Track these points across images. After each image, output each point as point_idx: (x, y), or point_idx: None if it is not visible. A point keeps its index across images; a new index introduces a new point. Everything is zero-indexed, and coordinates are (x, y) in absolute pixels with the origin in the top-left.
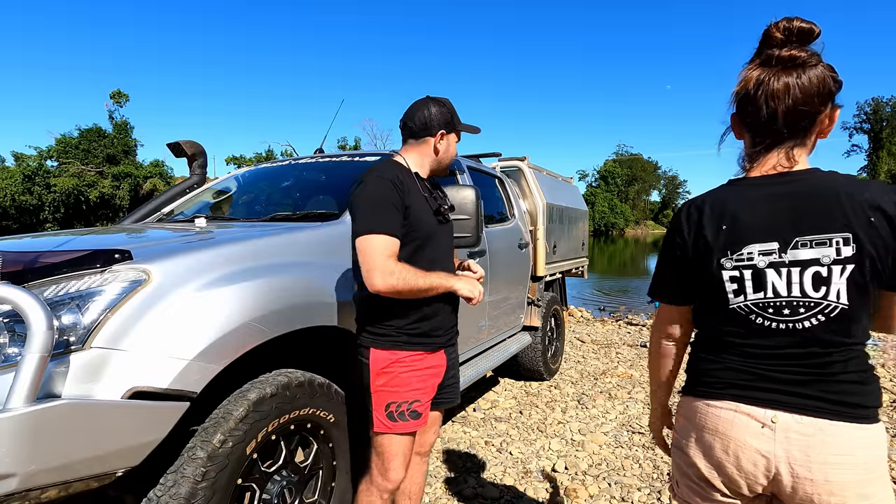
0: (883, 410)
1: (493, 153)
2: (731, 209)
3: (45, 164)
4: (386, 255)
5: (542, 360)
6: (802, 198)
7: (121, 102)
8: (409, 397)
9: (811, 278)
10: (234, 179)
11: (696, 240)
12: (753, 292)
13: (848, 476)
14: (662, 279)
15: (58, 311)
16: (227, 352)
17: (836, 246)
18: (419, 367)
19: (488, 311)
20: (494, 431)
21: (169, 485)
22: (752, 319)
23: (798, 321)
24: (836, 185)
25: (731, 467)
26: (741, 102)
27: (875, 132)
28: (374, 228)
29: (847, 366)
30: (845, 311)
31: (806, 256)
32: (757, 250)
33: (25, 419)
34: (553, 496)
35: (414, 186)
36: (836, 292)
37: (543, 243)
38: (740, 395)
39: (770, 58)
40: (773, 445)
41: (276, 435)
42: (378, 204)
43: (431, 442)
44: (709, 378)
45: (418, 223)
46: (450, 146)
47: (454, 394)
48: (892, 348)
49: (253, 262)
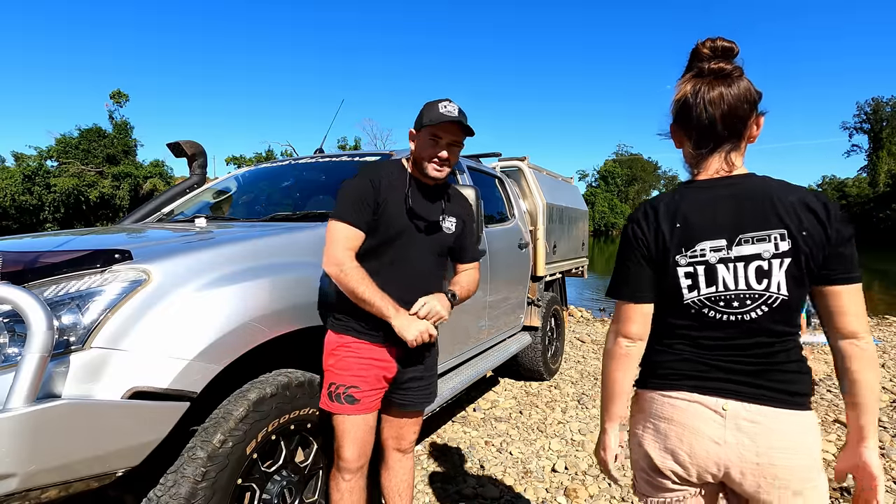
0: (883, 410)
1: (493, 153)
2: (683, 210)
3: (45, 164)
4: (343, 244)
5: (542, 360)
6: (743, 199)
7: (121, 102)
8: (348, 381)
9: (754, 272)
10: (234, 179)
11: (655, 238)
12: (706, 287)
13: (793, 461)
14: (627, 278)
15: (58, 311)
16: (227, 352)
17: (774, 241)
18: (363, 356)
19: (488, 311)
20: (494, 431)
21: (169, 485)
22: (705, 313)
23: (745, 313)
24: (770, 189)
25: (684, 455)
26: (683, 111)
27: (875, 132)
28: (340, 216)
29: (789, 355)
30: (785, 301)
31: (749, 252)
32: (708, 247)
33: (25, 419)
34: (553, 496)
35: (399, 185)
36: (776, 284)
37: (543, 243)
38: (694, 385)
39: (702, 70)
40: (723, 432)
41: (276, 435)
42: (348, 195)
43: (410, 441)
44: (664, 370)
45: (389, 220)
46: (421, 145)
47: (416, 398)
48: (893, 348)
49: (253, 262)
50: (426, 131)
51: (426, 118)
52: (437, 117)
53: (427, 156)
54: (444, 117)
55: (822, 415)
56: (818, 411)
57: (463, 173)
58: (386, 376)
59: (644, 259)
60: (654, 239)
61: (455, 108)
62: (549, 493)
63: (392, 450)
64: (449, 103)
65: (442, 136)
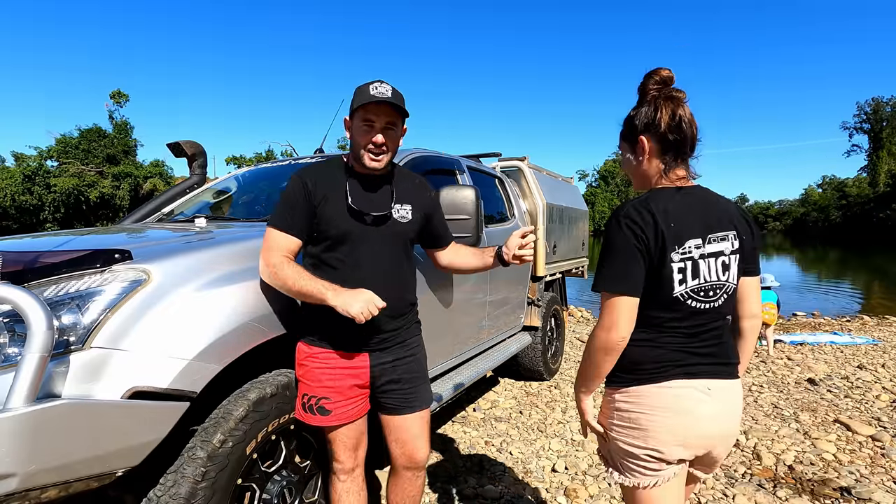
0: (883, 410)
1: (493, 153)
2: (672, 211)
3: (45, 165)
4: (277, 251)
5: (542, 360)
6: (707, 204)
7: (121, 102)
8: (319, 392)
9: (720, 265)
10: (234, 179)
11: (655, 236)
12: (692, 280)
13: (738, 421)
14: (627, 273)
15: (58, 311)
16: (227, 352)
17: (731, 240)
18: (331, 366)
19: (488, 311)
20: (494, 431)
21: (169, 485)
22: (689, 304)
23: (714, 300)
24: (718, 197)
25: (684, 436)
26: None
27: (875, 132)
28: (273, 223)
29: (728, 333)
30: (735, 289)
31: (717, 249)
32: (693, 244)
33: (25, 419)
34: (553, 496)
35: (339, 183)
36: (733, 275)
37: (543, 243)
38: (682, 371)
39: (669, 95)
40: (713, 409)
41: (276, 435)
42: (283, 200)
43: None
44: (651, 364)
45: (328, 222)
46: (354, 130)
47: (400, 401)
48: (893, 348)
49: (253, 262)
50: (358, 116)
51: (356, 101)
52: (367, 98)
53: (363, 143)
54: (374, 98)
55: (822, 415)
56: (818, 411)
57: (463, 173)
58: (360, 384)
59: (642, 256)
60: (653, 237)
61: (388, 88)
62: (549, 493)
63: (402, 468)
64: (381, 84)
65: (374, 119)
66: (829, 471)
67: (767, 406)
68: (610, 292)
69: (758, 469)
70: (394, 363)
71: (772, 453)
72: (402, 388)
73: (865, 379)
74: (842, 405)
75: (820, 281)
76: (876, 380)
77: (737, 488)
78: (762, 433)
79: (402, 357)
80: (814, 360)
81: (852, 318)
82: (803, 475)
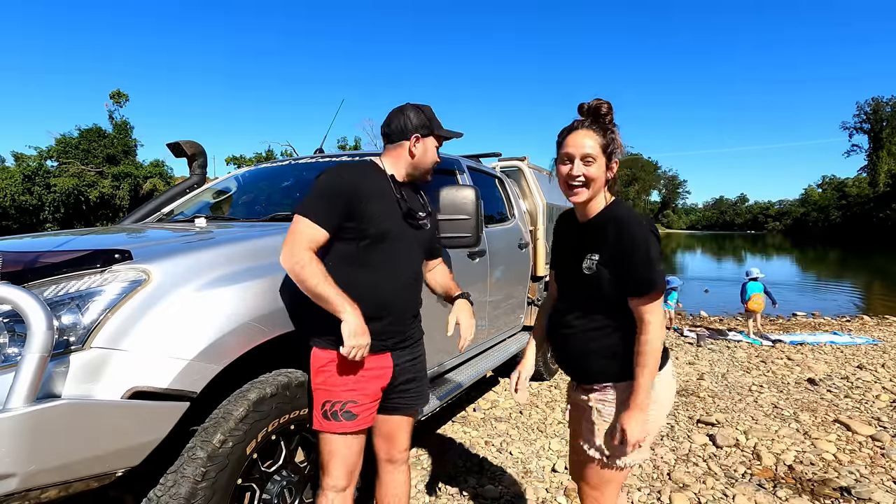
0: (883, 410)
1: (493, 153)
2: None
3: (45, 165)
4: (306, 243)
5: (542, 360)
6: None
7: (120, 102)
8: (345, 397)
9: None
10: (234, 179)
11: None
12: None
13: None
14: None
15: (58, 311)
16: (228, 352)
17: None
18: (357, 369)
19: (488, 311)
20: (494, 431)
21: (169, 485)
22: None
23: None
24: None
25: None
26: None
27: (875, 132)
28: (303, 211)
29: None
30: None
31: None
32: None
33: (25, 419)
34: (553, 496)
35: (384, 188)
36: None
37: (543, 243)
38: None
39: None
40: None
41: (276, 435)
42: (320, 192)
43: (401, 449)
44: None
45: (372, 221)
46: (427, 150)
47: (412, 400)
48: (893, 348)
49: (253, 262)
50: (435, 140)
51: (436, 128)
52: (448, 133)
53: (432, 161)
54: (453, 133)
55: (822, 415)
56: (818, 411)
57: (463, 173)
58: (383, 385)
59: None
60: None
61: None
62: (549, 493)
63: (384, 462)
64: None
65: (439, 144)
66: (829, 471)
67: (767, 406)
68: (661, 293)
69: (758, 469)
70: (412, 361)
71: (772, 453)
72: (415, 387)
73: (865, 379)
74: (842, 405)
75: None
76: (876, 380)
77: (737, 488)
78: (762, 433)
79: (416, 356)
80: (814, 360)
81: (852, 318)
82: (803, 475)
